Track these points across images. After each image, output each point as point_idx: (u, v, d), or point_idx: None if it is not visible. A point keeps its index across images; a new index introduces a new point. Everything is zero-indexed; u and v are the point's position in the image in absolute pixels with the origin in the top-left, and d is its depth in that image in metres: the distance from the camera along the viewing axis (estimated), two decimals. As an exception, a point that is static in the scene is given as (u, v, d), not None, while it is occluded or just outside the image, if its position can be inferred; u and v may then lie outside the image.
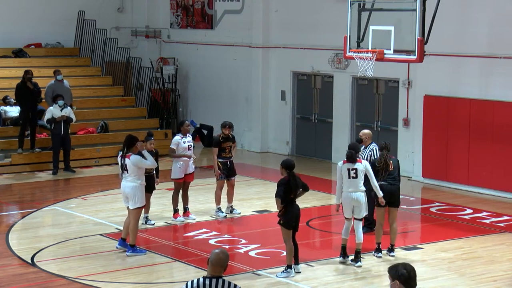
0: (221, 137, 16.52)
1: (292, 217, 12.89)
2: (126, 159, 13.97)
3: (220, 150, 16.49)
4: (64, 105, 21.05)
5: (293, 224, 12.93)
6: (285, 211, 12.86)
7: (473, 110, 19.33)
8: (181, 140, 16.22)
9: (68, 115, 21.06)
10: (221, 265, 7.35)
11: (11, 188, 20.09)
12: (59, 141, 21.07)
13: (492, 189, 19.06)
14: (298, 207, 13.02)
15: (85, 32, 26.68)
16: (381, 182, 13.92)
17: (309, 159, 23.54)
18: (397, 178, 14.14)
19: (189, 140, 16.36)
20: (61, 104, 20.96)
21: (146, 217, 16.01)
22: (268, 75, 24.66)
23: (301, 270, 13.07)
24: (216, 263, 7.35)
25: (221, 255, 7.38)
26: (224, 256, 7.38)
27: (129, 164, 13.93)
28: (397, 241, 14.46)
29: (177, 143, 16.22)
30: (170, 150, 16.32)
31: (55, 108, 20.98)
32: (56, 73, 22.16)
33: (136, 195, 13.95)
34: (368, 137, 15.27)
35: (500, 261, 13.98)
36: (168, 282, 12.94)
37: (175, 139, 16.31)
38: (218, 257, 7.36)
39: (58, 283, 12.79)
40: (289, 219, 12.87)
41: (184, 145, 16.23)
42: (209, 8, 26.31)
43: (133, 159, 13.93)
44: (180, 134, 16.34)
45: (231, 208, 16.93)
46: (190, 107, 27.34)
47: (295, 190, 12.89)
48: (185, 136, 16.31)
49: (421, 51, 15.50)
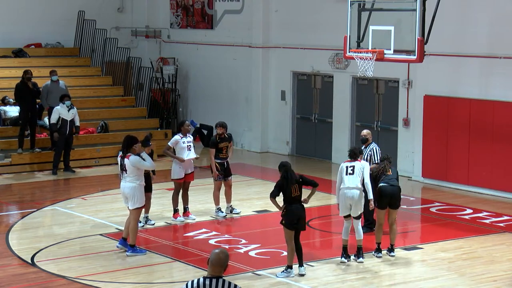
0: (217, 138, 16.51)
1: (293, 217, 12.84)
2: (125, 159, 13.97)
3: (217, 150, 16.49)
4: (71, 106, 21.04)
5: (295, 225, 12.91)
6: (286, 211, 12.86)
7: (473, 110, 19.33)
8: (180, 140, 16.20)
9: (74, 116, 21.06)
10: (221, 265, 7.36)
11: (11, 188, 20.09)
12: (63, 141, 21.06)
13: (492, 189, 19.06)
14: (300, 207, 12.90)
15: (85, 32, 26.68)
16: (382, 184, 13.92)
17: (309, 159, 23.54)
18: (396, 181, 14.15)
19: (189, 141, 16.33)
20: (68, 105, 20.95)
21: (146, 217, 16.00)
22: (268, 75, 24.66)
23: (305, 273, 12.99)
24: (216, 263, 7.36)
25: (221, 255, 7.39)
26: (224, 256, 7.39)
27: (128, 165, 13.92)
28: (397, 241, 14.46)
29: (176, 142, 16.21)
30: (166, 147, 16.35)
31: (62, 108, 20.95)
32: (52, 74, 22.10)
33: (135, 195, 13.95)
34: (370, 136, 15.41)
35: (500, 261, 13.98)
36: (168, 282, 12.93)
37: (174, 138, 16.31)
38: (218, 257, 7.37)
39: (58, 283, 12.78)
40: (290, 219, 12.84)
41: (183, 145, 16.20)
42: (209, 8, 26.31)
43: (132, 160, 13.92)
44: (180, 134, 16.33)
45: (230, 208, 16.93)
46: (190, 107, 27.34)
47: (290, 185, 12.78)
48: (185, 136, 16.29)
49: (421, 51, 15.50)
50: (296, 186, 12.85)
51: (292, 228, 12.87)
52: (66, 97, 21.05)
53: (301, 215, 12.93)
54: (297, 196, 12.88)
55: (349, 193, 13.50)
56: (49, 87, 21.89)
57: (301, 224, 12.96)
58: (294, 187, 12.83)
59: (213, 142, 16.53)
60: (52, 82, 22.00)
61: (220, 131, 16.47)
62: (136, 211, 14.08)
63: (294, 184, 12.84)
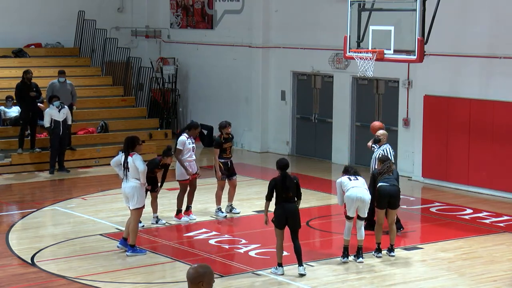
0: (222, 138, 16.49)
1: (281, 217, 12.78)
2: (129, 157, 13.95)
3: (221, 151, 16.46)
4: (61, 105, 20.98)
5: (284, 224, 12.85)
6: (275, 210, 12.87)
7: (473, 110, 19.33)
8: (187, 141, 16.14)
9: (66, 116, 21.00)
10: (191, 281, 6.32)
11: (11, 188, 20.10)
12: (58, 142, 21.04)
13: (492, 189, 19.06)
14: (290, 207, 12.79)
15: (85, 32, 26.68)
16: (381, 183, 13.92)
17: (309, 159, 23.54)
18: (396, 182, 14.15)
19: (192, 142, 16.33)
20: (57, 105, 20.89)
21: (156, 216, 16.01)
22: (268, 75, 24.66)
23: (304, 272, 12.96)
24: (188, 279, 6.37)
25: (190, 270, 6.37)
26: (193, 271, 6.32)
27: (130, 163, 13.93)
28: (397, 241, 14.46)
29: (183, 143, 16.13)
30: (177, 151, 16.10)
31: (51, 109, 20.92)
32: (60, 75, 22.11)
33: (135, 195, 13.94)
34: (385, 137, 15.47)
35: (500, 261, 13.98)
36: (168, 282, 12.93)
37: (182, 140, 16.08)
38: (187, 272, 6.39)
39: (58, 283, 12.79)
40: (278, 219, 12.81)
41: (189, 146, 16.17)
42: (209, 8, 26.31)
43: (134, 157, 13.92)
44: (185, 135, 16.25)
45: (230, 207, 16.93)
46: (190, 107, 27.34)
47: (285, 192, 12.76)
48: (190, 137, 16.24)
49: (421, 51, 15.50)
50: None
51: (281, 227, 12.85)
52: (55, 97, 20.98)
53: (290, 215, 12.78)
54: (290, 197, 12.85)
55: (359, 193, 13.46)
56: (53, 86, 21.89)
57: (292, 223, 12.84)
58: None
59: (218, 143, 16.46)
60: (60, 83, 22.00)
61: (227, 130, 16.43)
62: (137, 211, 14.07)
63: (288, 193, 12.80)
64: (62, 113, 20.96)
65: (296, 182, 12.93)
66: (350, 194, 13.47)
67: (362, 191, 13.50)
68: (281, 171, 12.91)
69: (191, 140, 16.18)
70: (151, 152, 22.88)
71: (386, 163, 14.26)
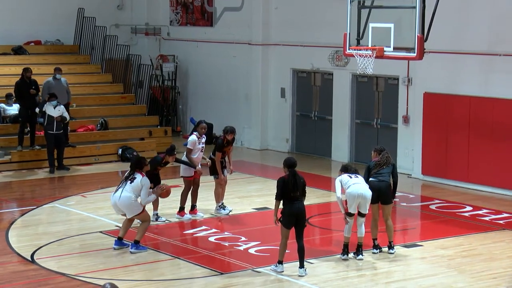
0: (225, 142, 16.54)
1: (291, 217, 12.80)
2: (138, 174, 13.91)
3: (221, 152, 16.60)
4: (57, 104, 20.93)
5: (293, 224, 12.88)
6: (284, 210, 12.84)
7: (473, 107, 19.33)
8: (197, 141, 16.21)
9: (61, 114, 20.95)
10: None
11: (10, 186, 20.09)
12: (52, 139, 20.97)
13: (492, 187, 19.06)
14: (299, 206, 12.81)
15: (85, 30, 26.68)
16: (371, 179, 13.89)
17: (308, 156, 23.53)
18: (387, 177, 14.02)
19: (203, 142, 16.37)
20: (54, 104, 20.84)
21: (156, 214, 16.02)
22: (267, 72, 24.65)
23: (304, 274, 12.90)
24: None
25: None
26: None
27: (137, 181, 13.88)
28: (397, 239, 14.47)
29: (194, 143, 16.19)
30: (188, 150, 16.23)
31: (48, 105, 20.85)
32: (56, 71, 22.07)
33: (130, 207, 13.92)
34: None
35: (499, 258, 13.99)
36: (168, 280, 12.93)
37: (193, 139, 16.22)
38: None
39: (58, 280, 12.79)
40: (288, 219, 12.81)
41: (198, 146, 16.25)
42: (208, 6, 26.30)
43: (143, 180, 13.90)
44: (196, 134, 16.30)
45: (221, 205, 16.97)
46: (189, 105, 27.33)
47: (294, 191, 12.78)
48: (201, 137, 16.29)
49: (421, 49, 15.50)
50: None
51: (289, 226, 12.85)
52: (53, 97, 20.95)
53: (300, 215, 12.84)
54: (298, 196, 12.86)
55: (360, 189, 13.45)
56: (49, 84, 21.85)
57: (300, 223, 12.88)
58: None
59: (220, 146, 16.50)
60: (55, 79, 21.96)
61: (230, 137, 16.49)
62: (138, 216, 14.06)
63: (296, 192, 12.80)
64: (57, 110, 20.89)
65: (303, 180, 12.95)
66: (351, 191, 13.46)
67: (364, 188, 13.51)
68: (290, 169, 12.87)
69: (202, 140, 16.26)
70: (151, 149, 22.91)
71: (383, 153, 14.17)
